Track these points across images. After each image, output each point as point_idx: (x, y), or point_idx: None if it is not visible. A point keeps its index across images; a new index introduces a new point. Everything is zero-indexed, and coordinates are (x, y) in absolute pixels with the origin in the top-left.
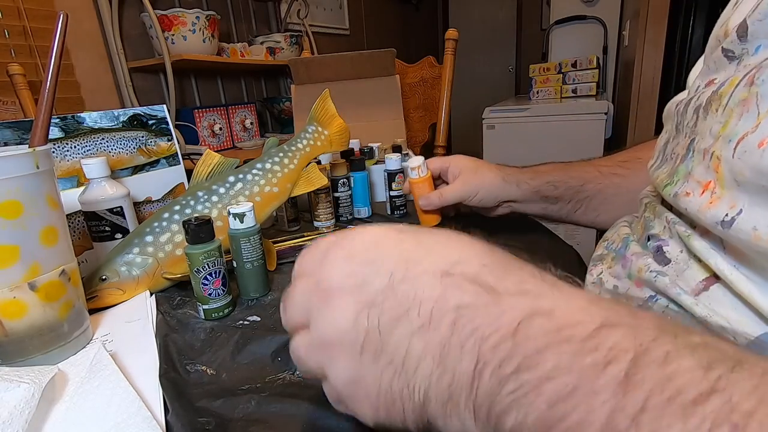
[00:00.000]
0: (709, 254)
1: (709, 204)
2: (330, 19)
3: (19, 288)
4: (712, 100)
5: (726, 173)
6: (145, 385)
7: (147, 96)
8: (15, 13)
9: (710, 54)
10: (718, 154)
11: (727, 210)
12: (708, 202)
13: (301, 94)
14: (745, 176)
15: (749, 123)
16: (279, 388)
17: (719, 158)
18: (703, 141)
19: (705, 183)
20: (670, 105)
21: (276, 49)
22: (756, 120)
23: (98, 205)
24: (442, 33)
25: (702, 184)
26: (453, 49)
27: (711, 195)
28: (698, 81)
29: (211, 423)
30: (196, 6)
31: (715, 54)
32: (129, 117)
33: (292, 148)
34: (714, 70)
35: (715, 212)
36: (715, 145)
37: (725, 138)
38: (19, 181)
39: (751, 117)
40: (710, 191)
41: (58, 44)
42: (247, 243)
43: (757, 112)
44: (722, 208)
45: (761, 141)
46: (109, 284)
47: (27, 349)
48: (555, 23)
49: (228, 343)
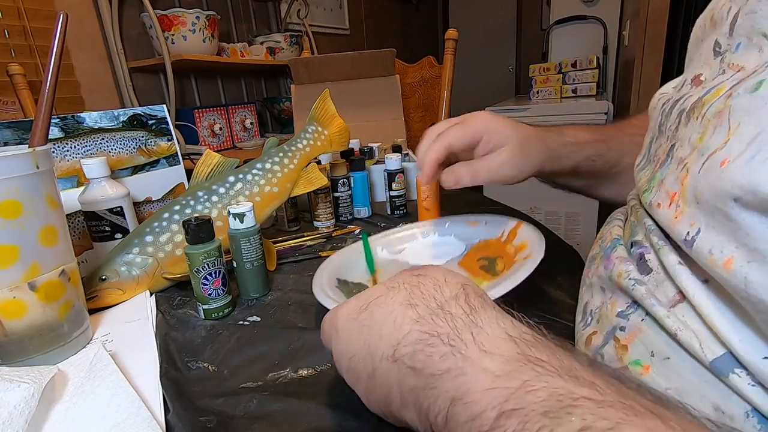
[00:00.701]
0: (676, 271)
1: (675, 219)
2: (330, 19)
3: (18, 288)
4: (695, 107)
5: (689, 188)
6: (145, 385)
7: (147, 96)
8: (15, 13)
9: (697, 43)
10: (689, 167)
11: (688, 228)
12: (674, 217)
13: (301, 94)
14: (703, 195)
15: (719, 138)
16: (280, 387)
17: (688, 171)
18: (682, 149)
19: (672, 194)
20: (656, 98)
21: (276, 49)
22: (726, 136)
23: (98, 205)
24: (442, 33)
25: (669, 195)
26: (453, 49)
27: (676, 209)
28: (687, 73)
29: (213, 421)
30: (196, 6)
31: (705, 44)
32: (129, 117)
33: (292, 148)
34: (701, 64)
35: (680, 229)
36: (690, 156)
37: (699, 151)
38: (18, 181)
39: (722, 132)
40: (675, 204)
41: (58, 44)
42: (247, 243)
43: (727, 128)
44: (684, 225)
45: (724, 160)
46: (109, 284)
47: (27, 349)
48: (555, 23)
49: (229, 341)
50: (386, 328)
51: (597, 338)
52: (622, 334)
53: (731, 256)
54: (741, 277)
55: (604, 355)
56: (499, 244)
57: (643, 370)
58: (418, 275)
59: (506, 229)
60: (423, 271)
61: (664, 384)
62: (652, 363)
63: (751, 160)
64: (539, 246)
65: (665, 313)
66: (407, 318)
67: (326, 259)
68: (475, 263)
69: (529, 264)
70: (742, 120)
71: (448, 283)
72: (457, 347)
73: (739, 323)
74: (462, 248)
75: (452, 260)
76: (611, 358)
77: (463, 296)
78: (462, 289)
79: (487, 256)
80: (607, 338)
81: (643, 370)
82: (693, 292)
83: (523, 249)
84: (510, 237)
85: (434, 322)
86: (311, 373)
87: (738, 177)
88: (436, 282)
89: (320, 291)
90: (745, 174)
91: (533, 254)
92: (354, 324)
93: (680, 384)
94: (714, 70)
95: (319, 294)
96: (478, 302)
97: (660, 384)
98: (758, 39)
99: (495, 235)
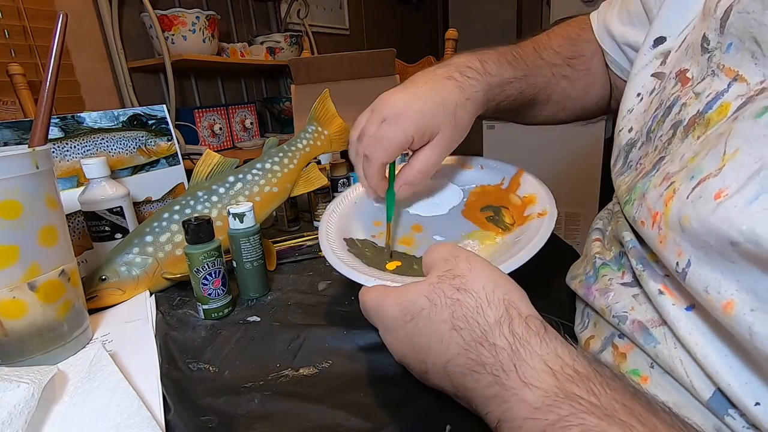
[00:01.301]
0: (658, 301)
1: (660, 243)
2: (330, 19)
3: (18, 288)
4: (696, 123)
5: (673, 211)
6: (145, 385)
7: (147, 96)
8: (15, 13)
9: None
10: (676, 187)
11: (676, 258)
12: (658, 241)
13: (301, 94)
14: (690, 225)
15: (713, 163)
16: (282, 386)
17: (675, 191)
18: (672, 165)
19: (654, 214)
20: (601, 32)
21: (276, 49)
22: (720, 161)
23: (98, 205)
24: (442, 33)
25: (652, 214)
26: (453, 49)
27: (659, 231)
28: (670, 65)
29: (214, 421)
30: (196, 6)
31: (692, 36)
32: (129, 117)
33: (292, 148)
34: (686, 57)
35: (668, 256)
36: (678, 175)
37: (689, 171)
38: (18, 181)
39: (716, 155)
40: (658, 226)
41: (58, 44)
42: (247, 243)
43: (722, 151)
44: (672, 252)
45: (719, 191)
46: (108, 284)
47: (27, 349)
48: (555, 23)
49: (229, 341)
50: (434, 343)
51: (595, 343)
52: (621, 342)
53: (731, 299)
54: (745, 326)
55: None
56: (500, 192)
57: (641, 381)
58: (459, 289)
59: (506, 176)
60: (464, 283)
61: (662, 397)
62: (650, 375)
63: (753, 201)
64: (550, 201)
65: (654, 352)
66: (453, 342)
67: (324, 219)
68: (480, 214)
69: (547, 222)
70: (741, 147)
71: (491, 303)
72: (501, 378)
73: (731, 358)
74: (459, 194)
75: (454, 209)
76: (609, 365)
77: (507, 322)
78: (506, 312)
79: (490, 205)
80: (605, 344)
81: (640, 380)
82: (678, 323)
83: (532, 202)
84: (512, 186)
85: (479, 352)
86: (312, 372)
87: (737, 220)
88: (478, 301)
89: (342, 264)
90: (746, 217)
91: (547, 211)
92: (401, 332)
93: (678, 399)
94: (701, 69)
95: (344, 270)
96: (522, 329)
97: (657, 396)
98: (750, 44)
99: (494, 182)
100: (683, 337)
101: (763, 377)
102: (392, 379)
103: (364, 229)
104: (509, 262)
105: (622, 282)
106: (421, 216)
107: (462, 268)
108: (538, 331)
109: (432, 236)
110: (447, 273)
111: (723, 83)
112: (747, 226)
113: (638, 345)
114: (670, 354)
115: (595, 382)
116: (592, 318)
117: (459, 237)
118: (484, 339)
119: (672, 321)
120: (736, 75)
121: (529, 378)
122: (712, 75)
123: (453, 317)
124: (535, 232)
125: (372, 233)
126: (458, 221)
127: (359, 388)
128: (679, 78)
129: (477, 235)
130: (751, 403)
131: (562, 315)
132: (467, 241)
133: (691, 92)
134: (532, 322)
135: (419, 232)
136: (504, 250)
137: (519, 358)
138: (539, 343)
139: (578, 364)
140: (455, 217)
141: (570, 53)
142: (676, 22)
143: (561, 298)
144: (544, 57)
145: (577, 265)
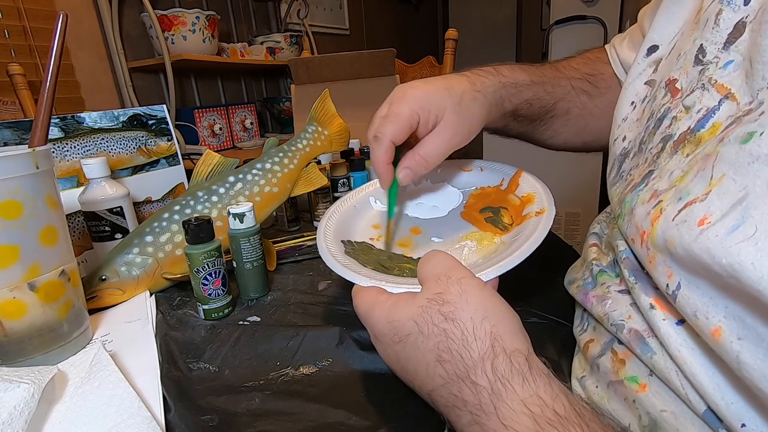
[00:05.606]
0: (650, 316)
1: (650, 263)
2: (330, 19)
3: (18, 288)
4: (687, 140)
5: (659, 232)
6: (145, 385)
7: (147, 96)
8: (15, 13)
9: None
10: (663, 206)
11: (666, 279)
12: (648, 260)
13: (301, 94)
14: (675, 250)
15: (700, 186)
16: (283, 385)
17: (662, 210)
18: (660, 181)
19: (641, 232)
20: (614, 54)
21: (276, 49)
22: (707, 186)
23: (98, 205)
24: (442, 33)
25: (639, 232)
26: (453, 49)
27: (647, 251)
28: (660, 72)
29: (215, 420)
30: (196, 6)
31: (681, 44)
32: (129, 117)
33: (292, 148)
34: (675, 66)
35: (659, 277)
36: (666, 194)
37: (677, 191)
38: (18, 181)
39: (704, 179)
40: (645, 246)
41: (58, 44)
42: (247, 243)
43: (710, 176)
44: (661, 274)
45: (703, 218)
46: (109, 284)
47: (27, 349)
48: (555, 23)
49: (229, 341)
50: (420, 370)
51: (594, 347)
52: (620, 348)
53: (719, 325)
54: (732, 354)
55: (600, 365)
56: (499, 193)
57: (639, 388)
58: (447, 318)
59: (505, 176)
60: (452, 312)
61: (660, 406)
62: (649, 383)
63: (733, 231)
64: (548, 199)
65: (651, 362)
66: (437, 374)
67: (323, 221)
68: (479, 215)
69: (545, 220)
70: (726, 173)
71: (477, 337)
72: (481, 418)
73: (718, 377)
74: (458, 197)
75: (453, 211)
76: (607, 370)
77: (491, 359)
78: (491, 348)
79: (489, 206)
80: (604, 349)
81: (639, 387)
82: (668, 339)
83: (530, 202)
84: (511, 186)
85: (461, 388)
86: (313, 371)
87: (718, 252)
88: (464, 333)
89: (339, 266)
90: (725, 250)
91: (545, 209)
92: (389, 350)
93: (676, 409)
94: (691, 80)
95: (338, 269)
96: (505, 366)
97: (655, 405)
98: (746, 63)
99: (493, 183)
100: (673, 353)
101: (750, 399)
102: (392, 378)
103: (362, 232)
104: (505, 261)
105: (620, 290)
106: (420, 219)
107: (453, 293)
108: (521, 369)
109: (430, 237)
110: (437, 297)
111: (714, 99)
112: (727, 260)
113: (635, 354)
114: (665, 365)
115: (574, 424)
116: (592, 322)
117: (457, 238)
118: (466, 376)
119: (663, 336)
120: (728, 93)
121: (508, 420)
122: (702, 88)
123: (438, 348)
124: (533, 230)
125: (370, 236)
126: (457, 223)
127: (359, 387)
128: (669, 88)
129: (475, 235)
130: (738, 424)
131: (562, 315)
132: (465, 241)
133: (681, 105)
134: (516, 359)
135: (417, 234)
136: (502, 250)
137: (499, 399)
138: (521, 383)
139: (558, 406)
140: (454, 219)
141: (589, 70)
142: (667, 29)
143: (561, 298)
144: (561, 71)
145: (574, 268)
